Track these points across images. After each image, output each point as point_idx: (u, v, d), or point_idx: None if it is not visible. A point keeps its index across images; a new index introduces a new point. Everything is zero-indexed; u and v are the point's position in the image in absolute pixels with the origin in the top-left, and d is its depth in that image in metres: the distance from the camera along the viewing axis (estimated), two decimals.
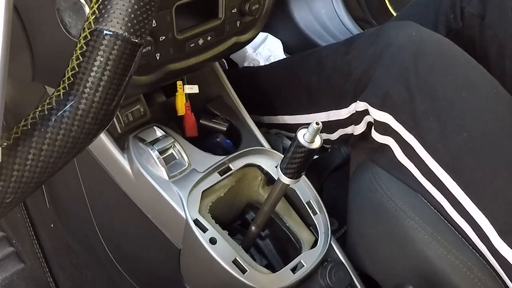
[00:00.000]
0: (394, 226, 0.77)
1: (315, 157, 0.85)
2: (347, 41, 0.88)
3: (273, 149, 0.84)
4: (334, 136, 0.89)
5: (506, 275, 0.69)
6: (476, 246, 0.72)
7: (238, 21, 0.78)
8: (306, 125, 0.58)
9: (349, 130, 0.87)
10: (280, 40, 1.43)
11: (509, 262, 0.68)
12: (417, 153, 0.74)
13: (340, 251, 0.80)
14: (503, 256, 0.68)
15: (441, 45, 0.76)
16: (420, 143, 0.73)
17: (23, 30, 0.67)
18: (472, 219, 0.70)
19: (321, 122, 0.57)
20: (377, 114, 0.77)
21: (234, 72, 1.22)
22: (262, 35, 1.41)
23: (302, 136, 0.57)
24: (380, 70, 0.77)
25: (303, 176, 0.63)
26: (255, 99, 1.01)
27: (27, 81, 0.74)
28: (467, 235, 0.72)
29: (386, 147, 0.79)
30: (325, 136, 0.90)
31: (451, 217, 0.73)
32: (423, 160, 0.73)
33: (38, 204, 1.18)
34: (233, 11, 0.76)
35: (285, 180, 0.62)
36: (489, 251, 0.70)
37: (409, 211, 0.76)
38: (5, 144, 0.42)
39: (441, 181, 0.72)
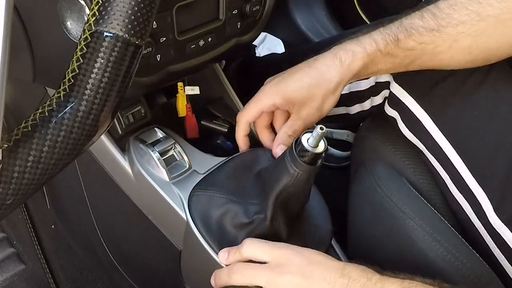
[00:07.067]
0: (394, 227, 0.77)
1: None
2: (375, 22, 0.93)
3: None
4: (353, 110, 0.91)
5: (501, 251, 0.71)
6: (472, 224, 0.73)
7: (239, 22, 0.78)
8: None
9: (366, 104, 0.88)
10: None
11: (503, 239, 0.70)
12: (425, 127, 0.76)
13: (340, 252, 0.80)
14: (497, 232, 0.70)
15: None
16: (431, 118, 0.75)
17: (23, 31, 0.67)
18: (471, 195, 0.72)
19: (343, 93, 0.64)
20: (395, 86, 0.80)
21: (259, 59, 1.30)
22: (261, 35, 1.41)
23: (306, 140, 0.57)
24: None
25: None
26: None
27: (28, 82, 0.74)
28: (465, 212, 0.74)
29: (393, 121, 0.81)
30: (344, 110, 0.92)
31: (452, 194, 0.75)
32: (430, 134, 0.76)
33: (39, 205, 1.18)
34: (233, 12, 0.76)
35: None
36: (485, 228, 0.72)
37: (409, 211, 0.76)
38: (6, 145, 0.42)
39: (446, 155, 0.74)
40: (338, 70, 0.70)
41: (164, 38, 0.69)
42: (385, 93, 0.84)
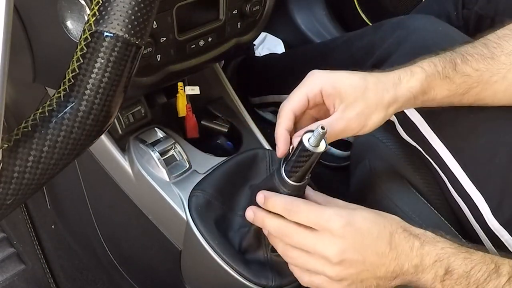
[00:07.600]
0: None
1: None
2: (376, 24, 0.96)
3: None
4: None
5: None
6: (471, 225, 0.73)
7: (239, 22, 0.78)
8: None
9: None
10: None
11: (502, 241, 0.70)
12: (421, 131, 0.76)
13: None
14: (496, 235, 0.70)
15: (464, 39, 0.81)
16: (427, 123, 0.75)
17: (23, 31, 0.67)
18: (468, 198, 0.72)
19: None
20: None
21: (259, 59, 1.31)
22: (261, 35, 1.41)
23: (307, 140, 0.57)
24: (402, 51, 0.82)
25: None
26: (283, 79, 1.10)
27: (28, 82, 0.74)
28: (464, 214, 0.74)
29: (392, 124, 0.81)
30: None
31: (452, 195, 0.75)
32: (427, 139, 0.76)
33: (39, 205, 1.18)
34: (234, 12, 0.76)
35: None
36: (483, 231, 0.72)
37: (409, 211, 0.76)
38: (6, 145, 0.42)
39: (443, 160, 0.74)
40: (396, 86, 0.65)
41: (164, 38, 0.69)
42: None
